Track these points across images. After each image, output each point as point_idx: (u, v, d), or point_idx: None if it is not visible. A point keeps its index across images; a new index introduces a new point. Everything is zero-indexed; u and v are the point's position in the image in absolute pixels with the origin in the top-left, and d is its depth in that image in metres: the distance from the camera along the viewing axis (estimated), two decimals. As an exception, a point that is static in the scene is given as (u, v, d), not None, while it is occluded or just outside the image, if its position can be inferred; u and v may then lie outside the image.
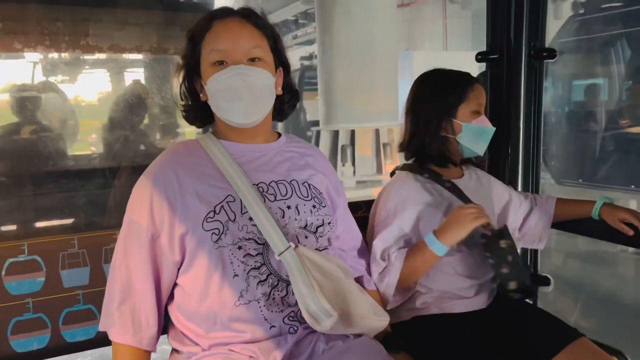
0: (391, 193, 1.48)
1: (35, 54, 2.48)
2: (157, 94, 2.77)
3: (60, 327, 1.36)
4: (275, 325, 1.11)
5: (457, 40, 12.26)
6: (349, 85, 7.27)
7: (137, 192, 1.15)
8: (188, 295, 1.13)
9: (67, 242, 1.37)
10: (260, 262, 1.11)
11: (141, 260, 1.12)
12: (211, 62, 1.13)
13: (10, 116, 2.64)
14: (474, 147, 1.51)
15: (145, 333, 1.12)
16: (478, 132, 1.50)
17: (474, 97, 1.50)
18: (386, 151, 7.76)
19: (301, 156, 1.27)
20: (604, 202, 1.54)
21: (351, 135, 7.71)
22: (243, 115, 1.14)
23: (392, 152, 7.69)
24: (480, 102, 1.50)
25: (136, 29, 2.37)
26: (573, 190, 4.58)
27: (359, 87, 7.20)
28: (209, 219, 1.09)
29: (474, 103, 1.49)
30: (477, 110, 1.50)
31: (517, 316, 1.42)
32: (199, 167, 1.15)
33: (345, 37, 7.23)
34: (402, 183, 1.50)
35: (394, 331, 1.35)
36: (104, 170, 2.49)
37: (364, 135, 7.67)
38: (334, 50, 7.39)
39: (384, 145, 7.79)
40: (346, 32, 7.21)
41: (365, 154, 7.72)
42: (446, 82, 1.53)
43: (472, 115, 1.49)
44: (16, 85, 2.68)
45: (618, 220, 1.49)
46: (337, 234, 1.31)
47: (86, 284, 1.38)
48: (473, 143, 1.50)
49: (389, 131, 7.73)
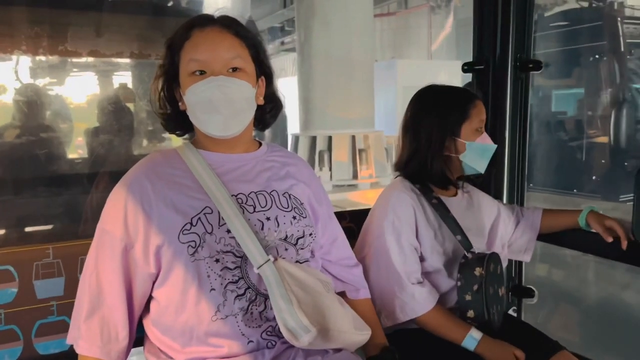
0: (388, 208, 1.44)
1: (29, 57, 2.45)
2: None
3: (33, 340, 1.31)
4: (252, 340, 1.09)
5: (442, 50, 12.43)
6: (327, 93, 7.69)
7: (112, 201, 1.12)
8: (163, 309, 1.10)
9: (42, 251, 1.33)
10: (239, 276, 1.08)
11: (113, 271, 1.08)
12: (190, 71, 1.11)
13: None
14: (477, 166, 1.50)
15: (114, 346, 1.09)
16: (481, 150, 1.49)
17: (476, 114, 1.48)
18: (362, 157, 8.06)
19: (282, 166, 1.25)
20: (591, 210, 1.53)
21: (328, 141, 8.02)
22: (222, 128, 1.12)
23: (367, 158, 8.03)
24: (482, 119, 1.50)
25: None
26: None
27: (336, 95, 7.65)
28: (185, 231, 1.07)
29: (476, 120, 1.48)
30: (479, 127, 1.48)
31: (501, 329, 1.41)
32: (176, 178, 1.12)
33: (324, 46, 7.68)
34: (397, 199, 1.46)
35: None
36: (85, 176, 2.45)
37: (340, 142, 7.99)
38: (312, 59, 7.82)
39: (359, 151, 8.07)
40: (324, 42, 7.67)
41: (341, 160, 7.99)
42: (447, 100, 1.50)
43: (475, 133, 1.48)
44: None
45: (605, 226, 1.48)
46: (321, 244, 1.28)
47: (61, 294, 1.34)
48: (476, 161, 1.49)
49: (365, 138, 8.06)
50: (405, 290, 1.39)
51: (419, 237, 1.44)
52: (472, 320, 1.37)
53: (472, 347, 1.35)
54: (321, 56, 7.70)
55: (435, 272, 1.44)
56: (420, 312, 1.39)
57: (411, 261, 1.42)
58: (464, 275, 1.38)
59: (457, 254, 1.44)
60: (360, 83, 7.82)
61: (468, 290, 1.37)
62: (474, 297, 1.36)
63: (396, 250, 1.41)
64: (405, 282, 1.39)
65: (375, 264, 1.43)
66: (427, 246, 1.44)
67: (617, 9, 5.50)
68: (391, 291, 1.40)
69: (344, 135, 7.92)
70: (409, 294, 1.38)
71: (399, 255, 1.40)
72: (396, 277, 1.40)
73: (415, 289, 1.39)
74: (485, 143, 1.49)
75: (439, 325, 1.39)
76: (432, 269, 1.44)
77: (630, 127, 4.92)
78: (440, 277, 1.45)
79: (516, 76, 1.88)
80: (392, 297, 1.40)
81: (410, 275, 1.40)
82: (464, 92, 1.53)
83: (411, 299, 1.38)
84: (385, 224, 1.42)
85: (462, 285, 1.38)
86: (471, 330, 1.36)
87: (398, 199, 1.45)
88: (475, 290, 1.36)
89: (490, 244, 1.58)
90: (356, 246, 1.50)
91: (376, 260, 1.43)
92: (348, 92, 7.65)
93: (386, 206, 1.45)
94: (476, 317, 1.36)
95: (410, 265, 1.41)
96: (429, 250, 1.44)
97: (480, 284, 1.36)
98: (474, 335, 1.35)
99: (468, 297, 1.37)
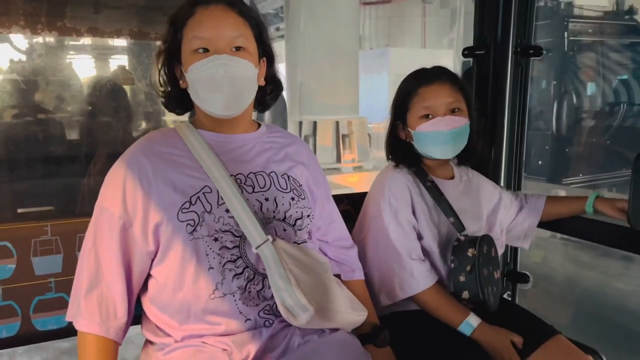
0: (384, 188, 1.45)
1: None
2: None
3: (31, 316, 1.32)
4: (250, 318, 1.10)
5: (435, 38, 12.52)
6: (313, 81, 8.21)
7: (110, 179, 1.12)
8: (161, 287, 1.11)
9: (40, 228, 1.33)
10: (237, 255, 1.09)
11: (111, 249, 1.09)
12: (192, 49, 1.10)
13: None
14: (429, 152, 1.47)
15: (112, 322, 1.09)
16: (427, 137, 1.44)
17: (419, 102, 1.44)
18: (345, 142, 8.52)
19: (281, 147, 1.25)
20: (597, 196, 1.53)
21: (313, 126, 8.40)
22: (223, 107, 1.12)
23: (350, 143, 8.52)
24: (427, 106, 1.43)
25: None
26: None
27: (322, 83, 8.15)
28: (184, 209, 1.07)
29: (419, 108, 1.44)
30: (426, 114, 1.43)
31: (496, 313, 1.42)
32: (175, 157, 1.12)
33: (310, 36, 8.16)
34: (393, 179, 1.46)
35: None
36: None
37: (325, 127, 8.42)
38: (299, 47, 8.30)
39: (343, 136, 8.51)
40: (311, 31, 8.16)
41: (325, 144, 8.38)
42: (401, 87, 1.50)
43: (420, 120, 1.44)
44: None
45: (617, 208, 1.46)
46: (318, 225, 1.29)
47: (59, 271, 1.35)
48: (426, 148, 1.46)
49: (348, 123, 8.51)
50: (404, 267, 1.39)
51: (416, 216, 1.44)
52: (467, 301, 1.38)
53: (468, 333, 1.36)
54: (308, 45, 8.16)
55: (430, 254, 1.45)
56: (419, 290, 1.39)
57: (410, 238, 1.42)
58: (457, 257, 1.38)
59: (451, 237, 1.44)
60: (345, 71, 8.34)
61: (462, 271, 1.37)
62: (467, 278, 1.36)
63: (394, 228, 1.41)
64: (405, 258, 1.39)
65: (374, 243, 1.43)
66: (424, 225, 1.44)
67: (564, 8, 6.18)
68: (390, 269, 1.40)
69: (328, 121, 8.36)
70: (408, 271, 1.39)
71: (397, 233, 1.41)
72: (395, 254, 1.40)
73: (415, 266, 1.39)
74: (432, 130, 1.42)
75: (437, 306, 1.39)
76: (427, 248, 1.45)
77: (570, 117, 5.69)
78: (435, 261, 1.45)
79: (516, 62, 1.87)
80: (392, 275, 1.40)
81: (410, 251, 1.40)
82: (417, 76, 1.48)
83: (410, 276, 1.39)
84: (382, 204, 1.43)
85: (455, 267, 1.38)
86: (469, 317, 1.36)
87: (393, 179, 1.45)
88: (468, 271, 1.36)
89: (489, 229, 1.59)
90: (355, 228, 1.51)
91: (375, 239, 1.43)
92: (333, 79, 8.15)
93: (383, 187, 1.45)
94: (471, 298, 1.37)
95: (410, 242, 1.41)
96: (426, 229, 1.44)
97: (473, 265, 1.36)
98: (471, 322, 1.35)
99: (462, 278, 1.37)
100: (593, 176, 5.93)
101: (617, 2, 6.67)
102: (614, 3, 6.73)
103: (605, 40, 6.58)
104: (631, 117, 6.54)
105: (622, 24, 6.63)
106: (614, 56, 6.61)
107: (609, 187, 5.81)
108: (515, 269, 2.00)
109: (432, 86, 1.44)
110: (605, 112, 6.48)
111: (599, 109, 6.51)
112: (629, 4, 6.55)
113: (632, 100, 6.64)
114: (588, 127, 6.15)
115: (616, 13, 6.69)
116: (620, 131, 6.43)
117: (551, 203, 1.64)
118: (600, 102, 6.59)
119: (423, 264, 1.41)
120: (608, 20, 6.66)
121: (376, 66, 9.85)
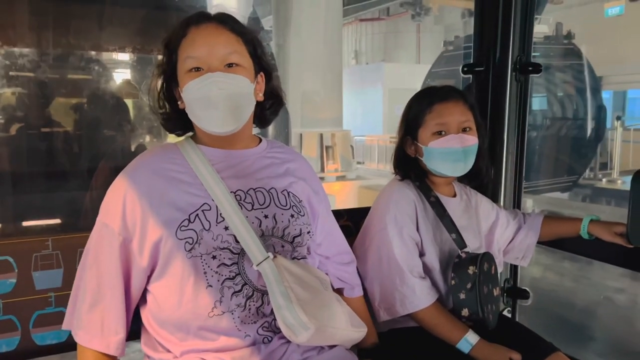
0: (390, 203, 1.45)
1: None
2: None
3: (31, 330, 1.33)
4: (249, 334, 1.10)
5: (430, 54, 12.78)
6: (299, 96, 8.95)
7: (111, 194, 1.13)
8: (161, 303, 1.11)
9: (41, 243, 1.34)
10: (235, 272, 1.09)
11: (112, 265, 1.09)
12: (187, 69, 1.11)
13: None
14: (440, 168, 1.47)
15: (112, 338, 1.10)
16: (440, 154, 1.45)
17: (432, 118, 1.44)
18: (329, 153, 9.29)
19: (282, 162, 1.25)
20: (591, 219, 1.52)
21: (300, 138, 9.07)
22: (220, 124, 1.12)
23: (334, 154, 9.34)
24: (442, 122, 1.43)
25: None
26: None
27: (307, 98, 8.99)
28: (183, 227, 1.07)
29: (432, 125, 1.44)
30: (439, 131, 1.44)
31: (495, 330, 1.42)
32: (175, 173, 1.13)
33: (297, 53, 8.95)
34: (399, 193, 1.47)
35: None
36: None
37: (310, 139, 9.15)
38: (287, 65, 8.96)
39: (326, 147, 9.27)
40: (297, 49, 8.95)
41: (310, 155, 8.98)
42: (411, 103, 1.51)
43: (432, 136, 1.45)
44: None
45: (614, 233, 1.46)
46: (318, 242, 1.29)
47: (59, 286, 1.35)
48: (437, 164, 1.46)
49: (332, 136, 9.28)
50: (406, 283, 1.39)
51: (419, 232, 1.44)
52: (467, 319, 1.37)
53: (466, 351, 1.35)
54: (294, 62, 8.94)
55: (431, 270, 1.45)
56: (420, 307, 1.38)
57: (413, 255, 1.42)
58: (458, 274, 1.38)
59: (453, 253, 1.44)
60: (329, 86, 9.32)
61: (462, 288, 1.37)
62: (467, 296, 1.36)
63: (398, 244, 1.41)
64: (408, 275, 1.39)
65: (377, 257, 1.43)
66: (427, 241, 1.44)
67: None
68: (392, 284, 1.40)
69: (313, 133, 9.11)
70: (410, 288, 1.38)
71: (401, 249, 1.41)
72: (398, 270, 1.40)
73: (417, 283, 1.39)
74: (445, 147, 1.43)
75: (436, 323, 1.39)
76: (429, 265, 1.45)
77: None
78: (436, 277, 1.45)
79: (516, 78, 1.88)
80: (393, 290, 1.40)
81: (412, 268, 1.40)
82: (430, 94, 1.49)
83: (412, 292, 1.38)
84: (388, 218, 1.43)
85: (456, 284, 1.38)
86: (467, 334, 1.35)
87: (400, 194, 1.46)
88: (468, 289, 1.36)
89: (487, 248, 1.59)
90: (357, 239, 1.51)
91: (378, 253, 1.43)
92: (318, 95, 8.96)
93: (388, 201, 1.46)
94: (470, 316, 1.37)
95: (413, 259, 1.41)
96: (429, 245, 1.44)
97: (473, 283, 1.36)
98: (470, 339, 1.35)
99: (462, 295, 1.37)
100: (533, 182, 7.07)
101: (557, 27, 8.00)
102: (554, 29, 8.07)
103: (548, 61, 7.76)
104: (573, 129, 7.87)
105: (561, 47, 7.90)
106: (558, 75, 7.87)
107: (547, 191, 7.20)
108: (515, 285, 2.00)
109: (447, 103, 1.45)
110: (548, 125, 7.71)
111: (540, 122, 7.73)
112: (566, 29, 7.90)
113: (576, 115, 7.90)
114: (531, 138, 6.85)
115: (555, 38, 7.95)
116: (562, 141, 7.81)
117: (547, 223, 1.64)
118: (541, 118, 7.79)
119: (424, 281, 1.41)
120: (549, 45, 7.90)
121: (371, 80, 10.64)
